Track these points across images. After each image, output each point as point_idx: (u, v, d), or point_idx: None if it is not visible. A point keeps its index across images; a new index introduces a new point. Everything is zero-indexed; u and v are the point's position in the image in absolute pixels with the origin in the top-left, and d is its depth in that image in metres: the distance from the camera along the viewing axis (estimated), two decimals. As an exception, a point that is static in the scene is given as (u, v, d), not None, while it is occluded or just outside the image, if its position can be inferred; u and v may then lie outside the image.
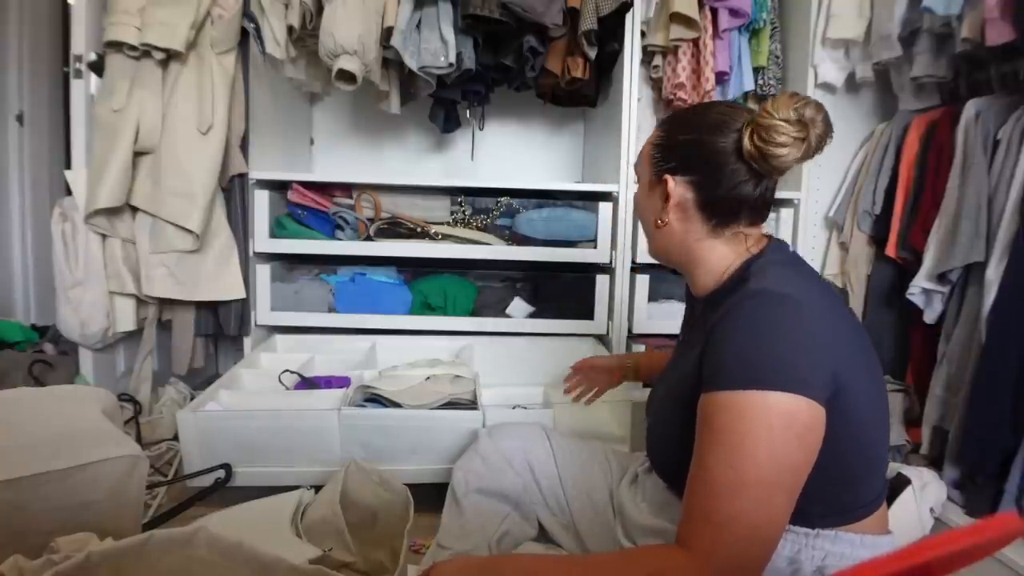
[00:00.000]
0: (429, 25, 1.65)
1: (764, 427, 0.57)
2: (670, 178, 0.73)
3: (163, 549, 0.75)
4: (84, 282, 1.52)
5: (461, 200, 1.83)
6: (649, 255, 0.84)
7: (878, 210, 1.60)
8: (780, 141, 0.66)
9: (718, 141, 0.70)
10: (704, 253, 0.74)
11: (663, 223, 0.75)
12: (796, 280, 0.67)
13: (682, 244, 0.75)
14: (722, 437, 0.59)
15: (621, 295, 1.79)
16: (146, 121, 1.49)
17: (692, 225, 0.74)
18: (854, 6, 1.60)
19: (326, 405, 1.32)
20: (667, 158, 0.74)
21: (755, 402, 0.58)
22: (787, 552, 0.66)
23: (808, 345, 0.61)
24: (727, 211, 0.72)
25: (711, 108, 0.75)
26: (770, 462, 0.57)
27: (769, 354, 0.60)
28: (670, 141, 0.75)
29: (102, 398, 1.07)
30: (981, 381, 1.18)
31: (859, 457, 0.66)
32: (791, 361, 0.59)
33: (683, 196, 0.73)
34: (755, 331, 0.61)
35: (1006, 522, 0.35)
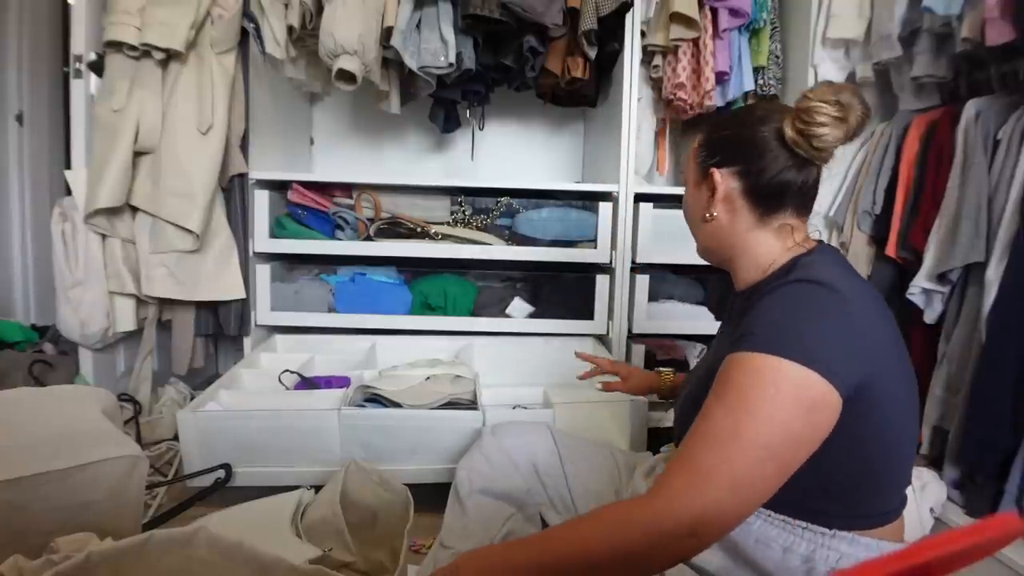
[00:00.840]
0: (429, 25, 1.65)
1: (772, 388, 0.58)
2: (716, 171, 0.75)
3: (163, 549, 0.75)
4: (84, 282, 1.52)
5: (461, 200, 1.83)
6: (697, 255, 0.85)
7: (878, 210, 1.60)
8: (820, 121, 0.68)
9: (760, 130, 0.74)
10: (751, 245, 0.76)
11: (711, 217, 0.77)
12: (843, 277, 0.68)
13: (729, 236, 0.77)
14: (728, 390, 0.60)
15: (621, 295, 1.79)
16: (146, 121, 1.49)
17: (739, 215, 0.76)
18: (854, 6, 1.60)
19: (326, 405, 1.32)
20: (712, 153, 0.77)
21: (770, 364, 0.59)
22: (802, 550, 0.66)
23: (839, 333, 0.61)
24: (772, 198, 0.74)
25: (753, 107, 0.80)
26: (769, 423, 0.57)
27: (797, 328, 0.61)
28: (713, 138, 0.78)
29: (102, 398, 1.07)
30: (981, 381, 1.18)
31: (883, 462, 0.66)
32: (818, 340, 0.60)
33: (729, 187, 0.75)
34: (790, 308, 0.64)
35: (1006, 522, 0.35)
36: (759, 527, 0.68)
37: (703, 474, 0.56)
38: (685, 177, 0.83)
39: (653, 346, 1.81)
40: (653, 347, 1.81)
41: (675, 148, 2.18)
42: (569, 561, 0.56)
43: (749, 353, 0.61)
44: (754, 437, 0.57)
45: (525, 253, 1.78)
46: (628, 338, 1.82)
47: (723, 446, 0.57)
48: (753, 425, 0.57)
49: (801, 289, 0.65)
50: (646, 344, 1.81)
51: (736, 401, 0.59)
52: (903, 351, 0.70)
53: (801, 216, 0.76)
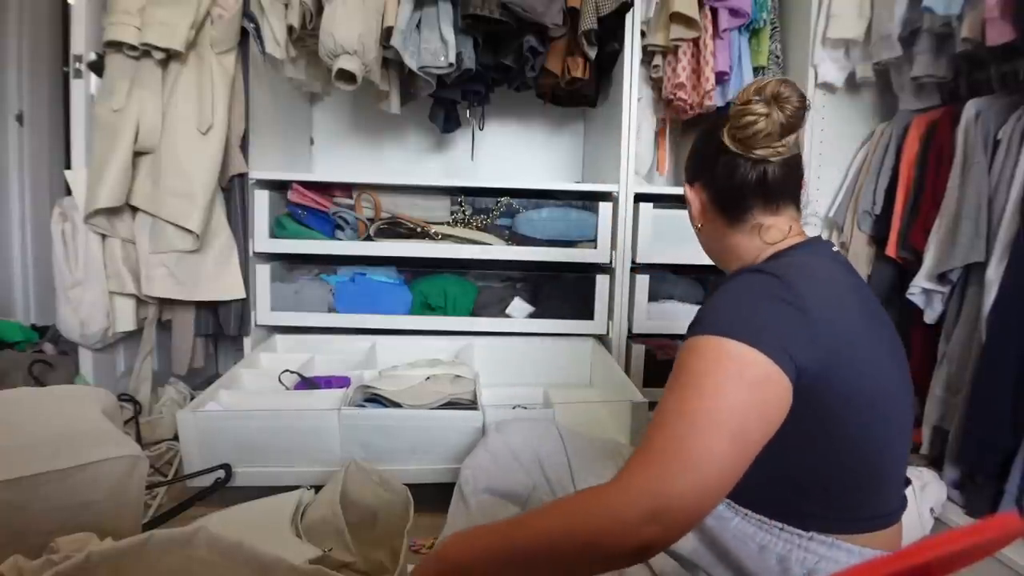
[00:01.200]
0: (429, 25, 1.65)
1: (714, 363, 0.59)
2: (688, 187, 0.84)
3: (163, 549, 0.75)
4: (84, 282, 1.52)
5: (461, 200, 1.83)
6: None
7: (878, 210, 1.60)
8: (747, 121, 0.72)
9: (708, 143, 0.79)
10: (732, 248, 0.80)
11: (698, 227, 0.84)
12: (805, 267, 0.68)
13: (715, 243, 0.83)
14: (676, 374, 0.61)
15: (621, 295, 1.79)
16: (146, 121, 1.49)
17: (715, 224, 0.81)
18: (854, 6, 1.60)
19: (326, 405, 1.32)
20: (687, 171, 0.85)
21: (712, 343, 0.60)
22: (778, 550, 0.66)
23: (783, 317, 0.62)
24: (734, 201, 0.78)
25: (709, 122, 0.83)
26: (713, 397, 0.57)
27: (739, 311, 0.63)
28: (688, 156, 0.85)
29: (102, 398, 1.07)
30: (981, 381, 1.18)
31: (859, 459, 0.65)
32: (759, 322, 0.61)
33: (702, 199, 0.81)
34: (735, 293, 0.67)
35: (1006, 522, 0.35)
36: (736, 524, 0.68)
37: (656, 454, 0.55)
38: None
39: (653, 346, 1.81)
40: (653, 347, 1.81)
41: (675, 148, 2.18)
42: (537, 549, 0.55)
43: (694, 337, 0.63)
44: (700, 410, 0.56)
45: (525, 253, 1.78)
46: (628, 338, 1.82)
47: (672, 424, 0.57)
48: (698, 399, 0.57)
49: (747, 278, 0.68)
50: (646, 344, 1.81)
51: (682, 381, 0.60)
52: (881, 347, 0.67)
53: (773, 212, 0.77)
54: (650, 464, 0.54)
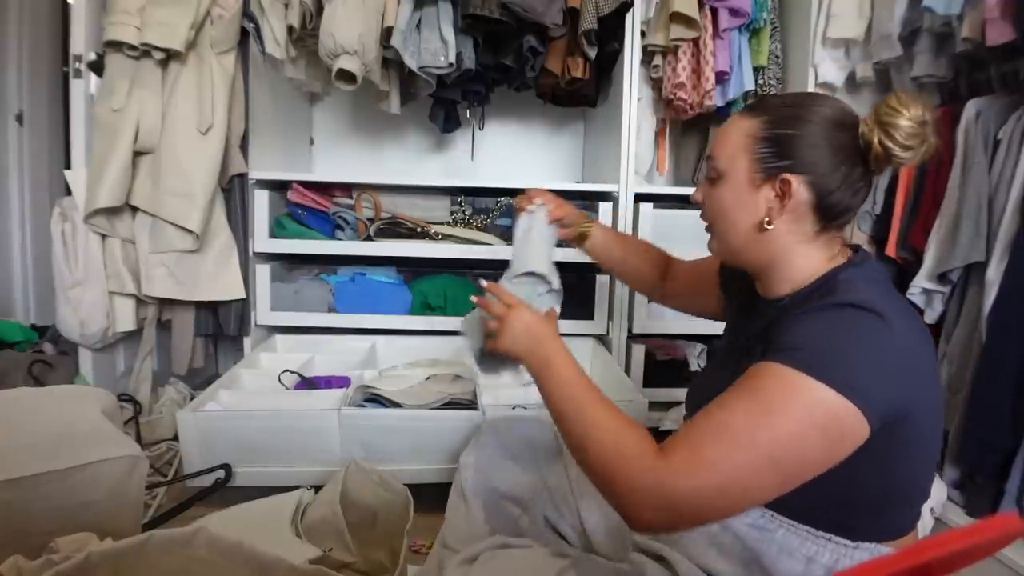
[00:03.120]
0: (429, 25, 1.65)
1: (801, 409, 0.56)
2: (792, 177, 0.67)
3: (163, 549, 0.75)
4: (84, 282, 1.52)
5: (461, 200, 1.83)
6: (716, 253, 0.78)
7: (878, 210, 1.60)
8: (908, 144, 0.64)
9: (839, 137, 0.67)
10: (796, 256, 0.70)
11: (769, 226, 0.69)
12: (885, 297, 0.64)
13: (779, 247, 0.70)
14: (758, 394, 0.58)
15: (621, 295, 1.79)
16: (146, 121, 1.49)
17: (799, 227, 0.69)
18: (854, 6, 1.60)
19: (326, 405, 1.32)
20: (780, 154, 0.67)
21: (807, 385, 0.56)
22: (825, 560, 0.64)
23: (883, 363, 0.58)
24: (838, 214, 0.69)
25: (821, 100, 0.70)
26: (787, 442, 0.56)
27: (840, 353, 0.58)
28: (780, 134, 0.68)
29: (102, 398, 1.07)
30: (981, 381, 1.18)
31: (910, 481, 0.66)
32: (859, 369, 0.57)
33: (798, 196, 0.67)
34: (835, 331, 0.60)
35: (1006, 522, 0.35)
36: (782, 536, 0.66)
37: (704, 464, 0.56)
38: (720, 166, 0.72)
39: (653, 346, 1.81)
40: (653, 347, 1.81)
41: (675, 148, 2.18)
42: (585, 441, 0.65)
43: (786, 367, 0.58)
44: (766, 450, 0.55)
45: (525, 253, 1.78)
46: (628, 338, 1.82)
47: (733, 446, 0.56)
48: (770, 438, 0.55)
49: (848, 314, 0.60)
50: (646, 344, 1.81)
51: (761, 408, 0.57)
52: (937, 371, 0.68)
53: (843, 229, 0.73)
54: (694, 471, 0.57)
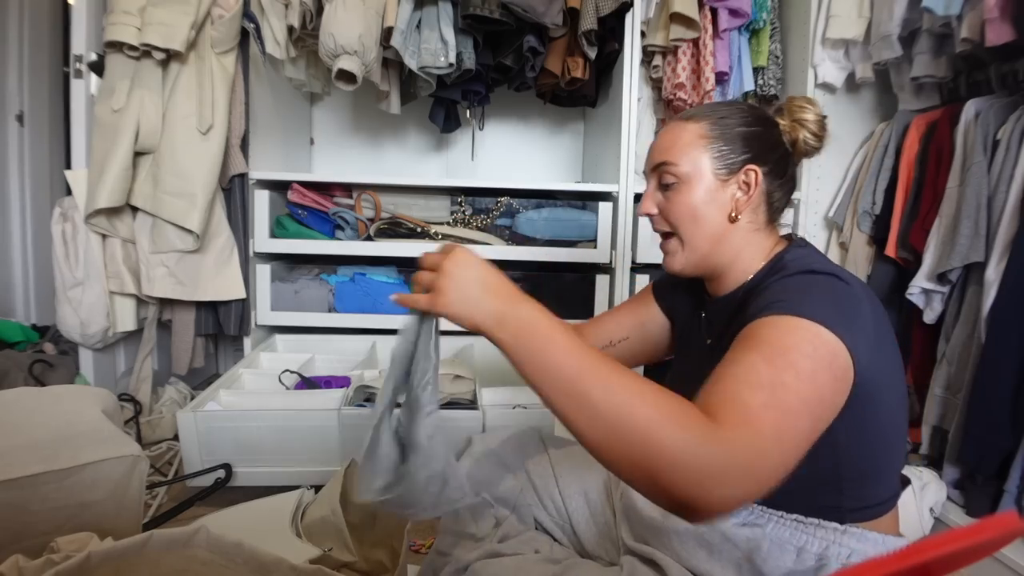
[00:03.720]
0: (429, 25, 1.66)
1: (810, 347, 0.56)
2: (754, 168, 0.72)
3: (163, 549, 0.75)
4: (84, 282, 1.52)
5: (461, 200, 1.83)
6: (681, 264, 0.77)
7: (878, 210, 1.60)
8: (820, 134, 0.74)
9: (775, 133, 0.74)
10: (751, 246, 0.74)
11: (735, 218, 0.73)
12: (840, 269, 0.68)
13: (741, 239, 0.74)
14: (766, 344, 0.56)
15: (621, 295, 1.79)
16: (146, 121, 1.49)
17: (756, 217, 0.74)
18: (854, 6, 1.60)
19: (326, 405, 1.32)
20: (739, 149, 0.72)
21: (806, 325, 0.57)
22: (815, 549, 0.65)
23: (854, 315, 0.61)
24: (783, 200, 0.76)
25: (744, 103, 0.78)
26: (809, 381, 0.54)
27: (819, 299, 0.60)
28: (733, 131, 0.73)
29: (102, 398, 1.07)
30: (981, 381, 1.18)
31: (885, 446, 0.67)
32: (838, 313, 0.59)
33: (760, 186, 0.73)
34: (807, 286, 0.63)
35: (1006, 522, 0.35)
36: (772, 529, 0.67)
37: (755, 418, 0.51)
38: (679, 171, 0.73)
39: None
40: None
41: (675, 148, 2.18)
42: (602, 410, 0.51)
43: (781, 316, 0.58)
44: (797, 389, 0.53)
45: (525, 253, 1.78)
46: (628, 338, 1.81)
47: (769, 393, 0.52)
48: (795, 378, 0.54)
49: (811, 278, 0.64)
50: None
51: (776, 354, 0.55)
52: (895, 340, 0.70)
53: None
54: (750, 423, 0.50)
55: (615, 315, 0.92)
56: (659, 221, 0.77)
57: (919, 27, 1.44)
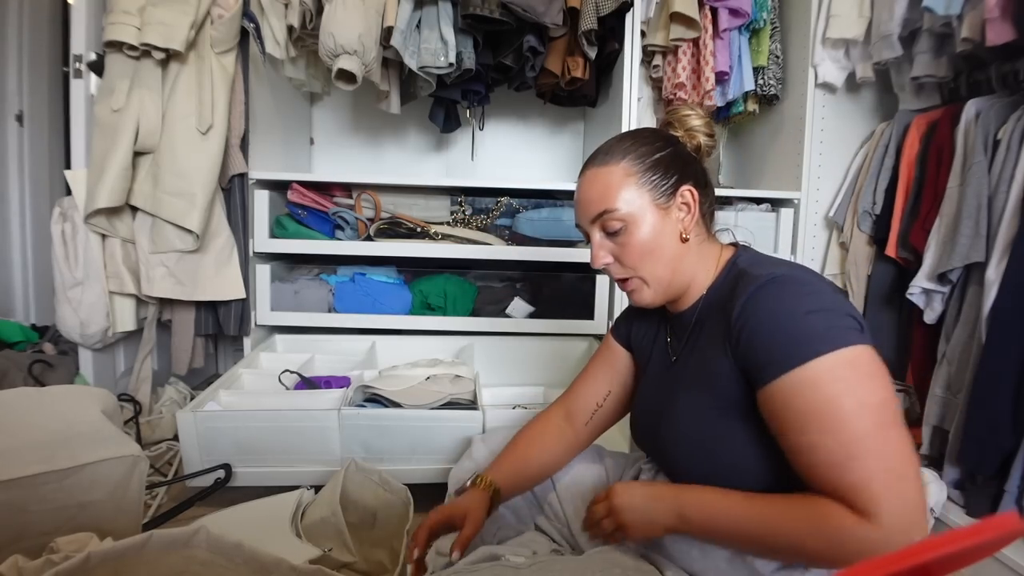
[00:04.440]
0: (429, 25, 1.66)
1: (838, 383, 0.59)
2: (687, 187, 0.75)
3: (163, 549, 0.75)
4: (84, 282, 1.52)
5: (461, 200, 1.83)
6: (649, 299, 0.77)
7: (878, 210, 1.60)
8: (711, 132, 0.79)
9: (681, 146, 0.78)
10: (704, 259, 0.76)
11: (687, 238, 0.75)
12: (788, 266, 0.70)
13: (694, 256, 0.76)
14: (809, 417, 0.60)
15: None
16: (146, 121, 1.49)
17: (700, 231, 0.77)
18: (854, 6, 1.60)
19: (326, 405, 1.32)
20: (666, 174, 0.74)
21: (820, 368, 0.60)
22: None
23: (835, 310, 0.63)
24: (712, 206, 0.79)
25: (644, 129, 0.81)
26: (861, 409, 0.58)
27: (809, 325, 0.62)
28: (653, 160, 0.74)
29: (102, 398, 1.07)
30: (981, 381, 1.18)
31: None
32: (829, 325, 0.62)
33: (700, 204, 0.75)
34: (789, 310, 0.63)
35: (1006, 522, 0.35)
36: None
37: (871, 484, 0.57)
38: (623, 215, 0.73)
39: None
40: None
41: (675, 148, 2.18)
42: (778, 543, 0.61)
43: (791, 373, 0.61)
44: (865, 428, 0.58)
45: (525, 253, 1.78)
46: (628, 338, 1.82)
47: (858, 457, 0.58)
48: (857, 421, 0.58)
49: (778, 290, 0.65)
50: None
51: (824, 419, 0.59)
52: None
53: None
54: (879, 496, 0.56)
55: (590, 376, 0.94)
56: (616, 268, 0.77)
57: (919, 27, 1.44)
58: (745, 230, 1.74)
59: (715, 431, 0.69)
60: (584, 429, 0.91)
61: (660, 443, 0.77)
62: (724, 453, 0.69)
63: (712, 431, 0.70)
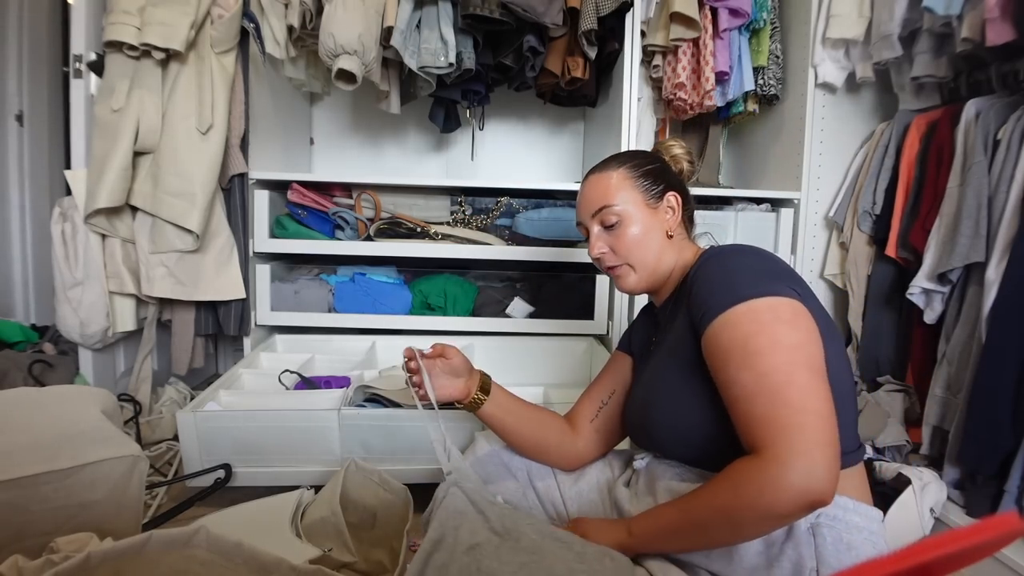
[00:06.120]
0: (429, 25, 1.66)
1: (753, 324, 0.66)
2: (672, 194, 0.88)
3: (163, 549, 0.75)
4: (84, 282, 1.52)
5: (461, 200, 1.83)
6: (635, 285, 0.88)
7: (878, 210, 1.60)
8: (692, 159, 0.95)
9: (667, 164, 0.92)
10: (683, 254, 0.87)
11: (670, 237, 0.87)
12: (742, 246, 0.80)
13: (676, 251, 0.87)
14: (730, 354, 0.66)
15: (621, 295, 1.79)
16: (146, 121, 1.49)
17: (682, 231, 0.89)
18: (854, 6, 1.60)
19: (326, 405, 1.32)
20: (656, 181, 0.88)
21: (740, 309, 0.68)
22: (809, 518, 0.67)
23: (770, 268, 0.73)
24: (692, 215, 0.93)
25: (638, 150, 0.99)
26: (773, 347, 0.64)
27: (740, 275, 0.72)
28: (645, 170, 0.88)
29: (102, 398, 1.07)
30: (981, 381, 1.18)
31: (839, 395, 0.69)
32: (758, 280, 0.70)
33: (680, 207, 0.88)
34: (725, 265, 0.74)
35: (1006, 522, 0.35)
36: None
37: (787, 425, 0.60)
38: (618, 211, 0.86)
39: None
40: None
41: (675, 148, 2.18)
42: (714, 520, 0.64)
43: (720, 316, 0.68)
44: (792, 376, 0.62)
45: (525, 253, 1.78)
46: (628, 338, 1.82)
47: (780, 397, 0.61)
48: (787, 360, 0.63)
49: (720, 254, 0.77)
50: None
51: (754, 359, 0.64)
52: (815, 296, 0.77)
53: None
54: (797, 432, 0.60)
55: (598, 382, 1.01)
56: (609, 257, 0.88)
57: (919, 27, 1.44)
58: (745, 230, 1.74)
59: (681, 392, 0.75)
60: (590, 426, 0.97)
61: (648, 424, 0.82)
62: (688, 413, 0.74)
63: (679, 392, 0.76)
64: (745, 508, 0.60)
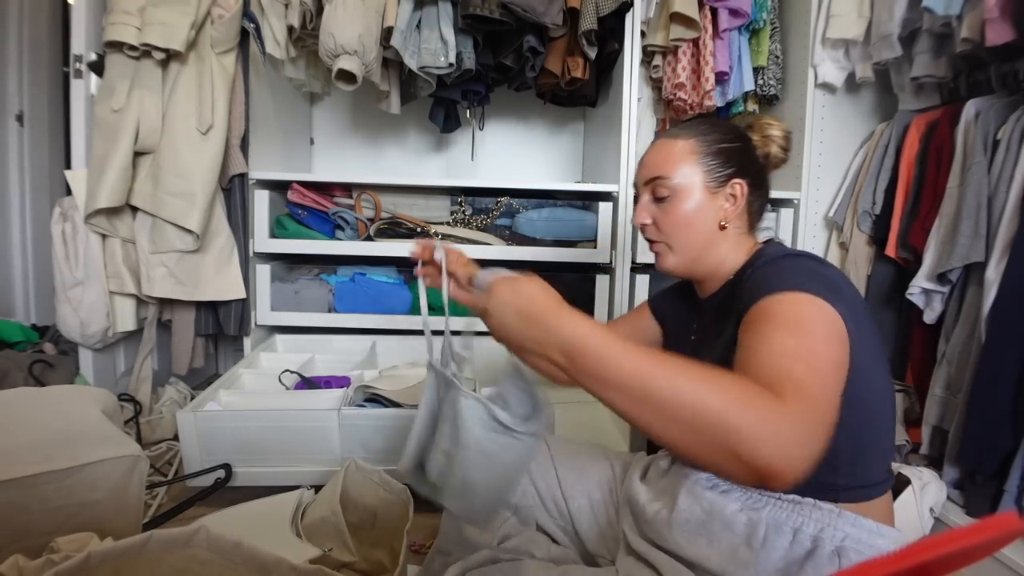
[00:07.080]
0: (429, 25, 1.66)
1: (819, 316, 0.61)
2: (739, 181, 0.79)
3: (163, 549, 0.75)
4: (84, 282, 1.52)
5: (461, 200, 1.83)
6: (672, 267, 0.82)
7: (878, 210, 1.60)
8: (787, 147, 0.83)
9: (751, 146, 0.82)
10: (736, 251, 0.80)
11: (726, 226, 0.80)
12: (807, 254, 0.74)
13: (729, 245, 0.80)
14: (782, 317, 0.61)
15: (621, 295, 1.79)
16: (146, 121, 1.49)
17: (741, 224, 0.81)
18: (854, 6, 1.60)
19: (326, 405, 1.32)
20: (725, 163, 0.79)
21: (806, 298, 0.62)
22: (811, 530, 0.66)
23: (837, 288, 0.65)
24: (761, 208, 0.83)
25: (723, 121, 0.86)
26: (827, 344, 0.59)
27: (808, 277, 0.65)
28: (718, 148, 0.79)
29: (102, 398, 1.07)
30: (981, 381, 1.18)
31: (875, 424, 0.68)
32: (826, 286, 0.64)
33: (746, 197, 0.80)
34: (793, 268, 0.68)
35: (1006, 522, 0.35)
36: (769, 512, 0.68)
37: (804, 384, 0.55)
38: (673, 184, 0.79)
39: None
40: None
41: (675, 148, 2.18)
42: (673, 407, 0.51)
43: (780, 293, 0.63)
44: (824, 353, 0.59)
45: (525, 253, 1.78)
46: (628, 338, 1.82)
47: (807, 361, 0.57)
48: (819, 343, 0.59)
49: (790, 260, 0.71)
50: (646, 344, 1.81)
51: (795, 325, 0.60)
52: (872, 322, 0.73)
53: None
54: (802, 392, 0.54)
55: (615, 326, 0.98)
56: (652, 231, 0.83)
57: (919, 27, 1.44)
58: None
59: None
60: None
61: None
62: None
63: None
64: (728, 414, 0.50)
